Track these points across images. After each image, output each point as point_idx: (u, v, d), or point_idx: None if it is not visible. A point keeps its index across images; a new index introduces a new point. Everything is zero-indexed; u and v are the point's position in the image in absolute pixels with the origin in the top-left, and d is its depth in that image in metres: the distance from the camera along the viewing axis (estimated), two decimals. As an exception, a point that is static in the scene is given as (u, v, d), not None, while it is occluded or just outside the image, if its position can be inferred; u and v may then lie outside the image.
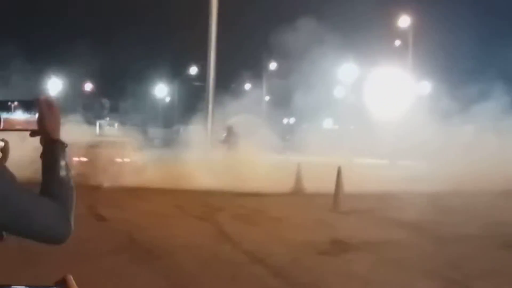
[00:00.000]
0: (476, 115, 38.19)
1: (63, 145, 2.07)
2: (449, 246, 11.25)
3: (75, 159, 21.29)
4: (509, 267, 9.34)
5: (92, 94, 70.31)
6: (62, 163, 2.04)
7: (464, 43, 40.00)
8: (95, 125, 44.77)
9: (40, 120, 2.05)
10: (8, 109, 2.08)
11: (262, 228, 12.98)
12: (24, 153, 5.75)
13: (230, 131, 30.57)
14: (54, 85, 61.96)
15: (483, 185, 23.16)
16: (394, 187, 21.66)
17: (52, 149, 2.05)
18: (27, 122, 2.07)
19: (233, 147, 28.57)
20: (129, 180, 20.65)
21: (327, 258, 9.81)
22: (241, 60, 49.93)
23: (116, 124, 56.71)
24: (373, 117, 38.50)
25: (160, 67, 65.33)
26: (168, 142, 36.95)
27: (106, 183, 20.12)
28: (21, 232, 1.85)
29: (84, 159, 22.53)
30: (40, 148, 2.10)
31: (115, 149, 25.47)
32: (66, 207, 1.94)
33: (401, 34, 46.14)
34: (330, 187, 16.52)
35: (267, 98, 52.69)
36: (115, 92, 68.52)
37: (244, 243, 10.88)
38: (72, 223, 1.95)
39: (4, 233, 1.91)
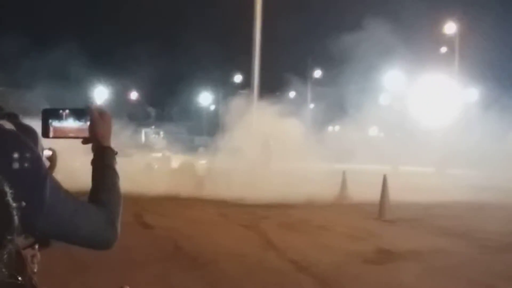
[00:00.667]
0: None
1: (113, 152, 2.11)
2: (495, 255, 11.12)
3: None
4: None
5: (137, 102, 71.00)
6: (112, 169, 2.08)
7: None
8: (141, 133, 45.18)
9: (92, 128, 2.10)
10: (59, 117, 2.13)
11: (307, 237, 12.96)
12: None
13: (265, 143, 30.52)
14: (100, 93, 62.72)
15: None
16: (440, 196, 21.46)
17: (102, 155, 2.09)
18: (79, 130, 2.12)
19: (267, 159, 28.58)
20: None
21: (372, 267, 9.76)
22: (286, 68, 49.87)
23: (161, 133, 57.19)
24: (418, 125, 38.23)
25: (205, 75, 65.72)
26: (213, 150, 37.08)
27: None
28: (67, 238, 1.88)
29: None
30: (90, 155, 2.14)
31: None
32: (113, 213, 1.97)
33: (448, 41, 45.80)
34: (375, 195, 16.44)
35: (311, 105, 52.61)
36: (160, 100, 69.06)
37: (289, 252, 10.87)
38: (119, 229, 1.97)
39: (51, 240, 1.95)
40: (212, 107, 75.12)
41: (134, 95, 70.84)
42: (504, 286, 8.34)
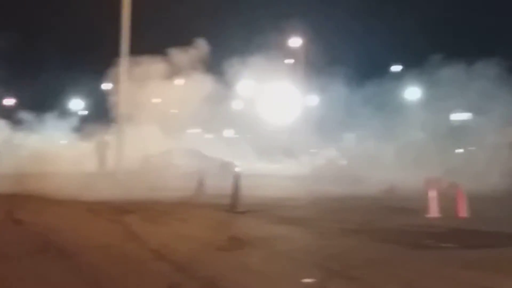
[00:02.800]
0: (357, 126, 39.44)
1: None
2: (332, 240, 11.55)
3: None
4: (383, 257, 9.65)
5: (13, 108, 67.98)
6: None
7: (347, 61, 40.95)
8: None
9: None
10: None
11: (167, 228, 12.99)
12: None
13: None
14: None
15: (361, 188, 23.92)
16: (283, 189, 22.10)
17: None
18: None
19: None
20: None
21: (224, 254, 9.90)
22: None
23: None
24: (267, 127, 39.07)
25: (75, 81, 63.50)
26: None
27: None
28: None
29: None
30: None
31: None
32: None
33: (294, 53, 46.97)
34: (229, 190, 16.67)
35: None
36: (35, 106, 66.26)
37: (150, 242, 10.86)
38: None
39: None
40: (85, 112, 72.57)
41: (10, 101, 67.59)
42: (338, 267, 8.65)
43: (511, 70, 33.19)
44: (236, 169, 17.36)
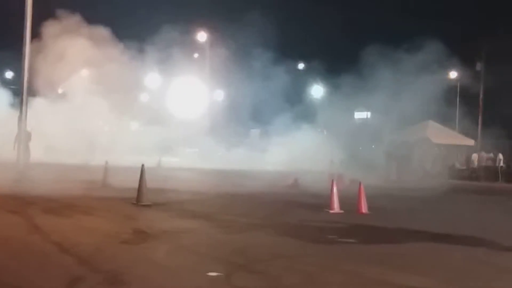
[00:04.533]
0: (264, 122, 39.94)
1: None
2: (236, 234, 11.61)
3: None
4: (285, 251, 9.79)
5: None
6: None
7: (253, 58, 41.20)
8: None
9: None
10: None
11: (70, 221, 12.70)
12: None
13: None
14: None
15: (266, 182, 24.22)
16: (193, 184, 22.07)
17: None
18: None
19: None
20: None
21: (128, 246, 9.79)
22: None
23: None
24: (174, 119, 39.03)
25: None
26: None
27: None
28: None
29: None
30: None
31: None
32: None
33: (200, 48, 46.91)
34: (135, 183, 16.45)
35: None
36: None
37: (53, 235, 10.59)
38: None
39: None
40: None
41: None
42: (242, 261, 8.70)
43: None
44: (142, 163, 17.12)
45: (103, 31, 35.63)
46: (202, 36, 47.31)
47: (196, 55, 46.78)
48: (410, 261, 9.34)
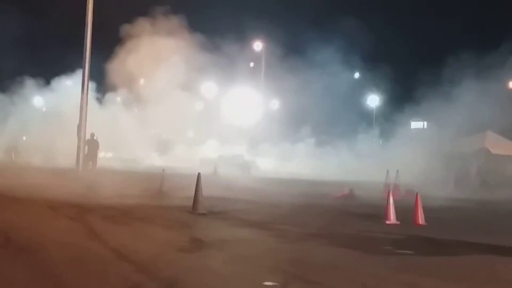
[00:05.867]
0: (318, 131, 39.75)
1: None
2: (292, 244, 11.55)
3: None
4: (341, 262, 9.70)
5: None
6: None
7: (311, 68, 41.12)
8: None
9: None
10: None
11: (128, 228, 12.85)
12: None
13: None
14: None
15: (322, 189, 24.07)
16: (247, 192, 22.10)
17: None
18: None
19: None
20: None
21: (185, 254, 9.84)
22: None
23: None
24: (230, 127, 39.26)
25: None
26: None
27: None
28: None
29: None
30: None
31: None
32: None
33: (255, 57, 47.07)
34: (191, 191, 16.54)
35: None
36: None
37: (111, 241, 10.72)
38: None
39: None
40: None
41: None
42: (298, 271, 8.66)
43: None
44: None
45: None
46: (258, 45, 47.37)
47: (251, 64, 46.91)
48: (468, 274, 9.13)
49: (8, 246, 10.15)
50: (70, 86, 40.18)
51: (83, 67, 27.91)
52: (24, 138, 41.51)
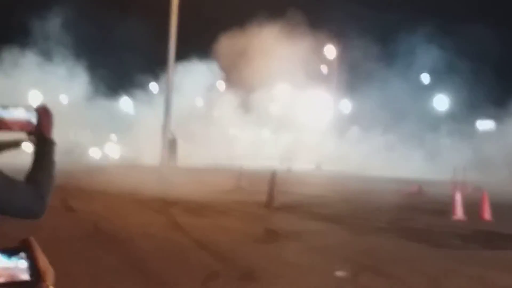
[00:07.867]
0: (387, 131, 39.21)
1: (53, 143, 2.08)
2: (362, 237, 11.46)
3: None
4: (410, 254, 9.57)
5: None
6: (50, 155, 2.05)
7: (379, 71, 40.59)
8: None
9: (38, 122, 2.04)
10: (6, 111, 2.04)
11: (208, 220, 13.01)
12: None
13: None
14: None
15: (391, 186, 23.74)
16: (318, 188, 22.02)
17: (44, 144, 2.05)
18: (24, 124, 2.04)
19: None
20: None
21: (261, 246, 9.89)
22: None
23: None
24: (303, 128, 39.15)
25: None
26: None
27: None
28: (1, 210, 1.86)
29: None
30: None
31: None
32: (44, 189, 1.95)
33: (328, 62, 46.70)
34: (266, 187, 16.63)
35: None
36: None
37: (193, 232, 10.90)
38: (47, 202, 1.95)
39: None
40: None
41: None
42: (368, 262, 8.61)
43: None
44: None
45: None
46: (330, 49, 47.00)
47: (324, 68, 46.63)
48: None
49: (97, 235, 10.44)
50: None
51: (167, 73, 28.30)
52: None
